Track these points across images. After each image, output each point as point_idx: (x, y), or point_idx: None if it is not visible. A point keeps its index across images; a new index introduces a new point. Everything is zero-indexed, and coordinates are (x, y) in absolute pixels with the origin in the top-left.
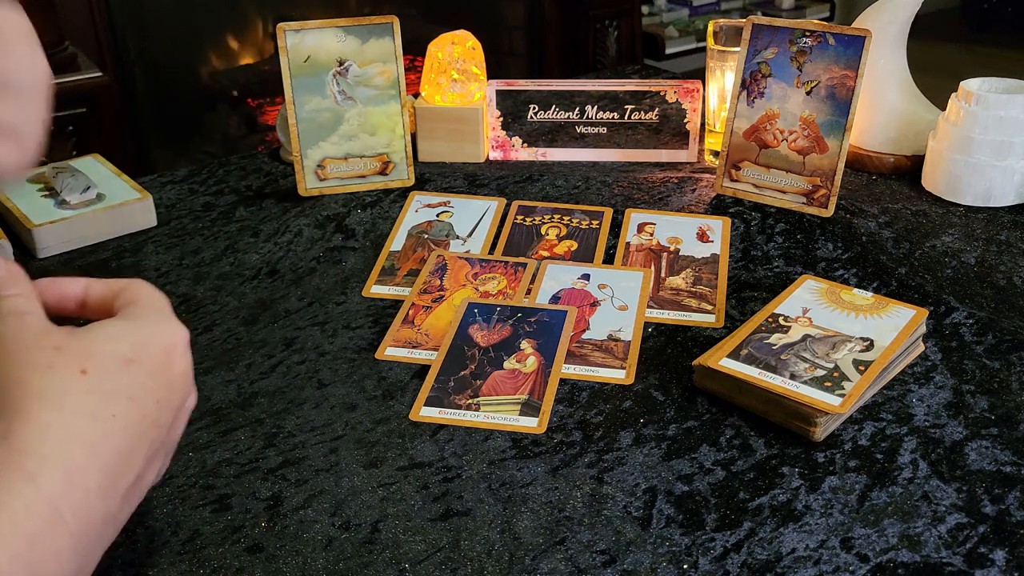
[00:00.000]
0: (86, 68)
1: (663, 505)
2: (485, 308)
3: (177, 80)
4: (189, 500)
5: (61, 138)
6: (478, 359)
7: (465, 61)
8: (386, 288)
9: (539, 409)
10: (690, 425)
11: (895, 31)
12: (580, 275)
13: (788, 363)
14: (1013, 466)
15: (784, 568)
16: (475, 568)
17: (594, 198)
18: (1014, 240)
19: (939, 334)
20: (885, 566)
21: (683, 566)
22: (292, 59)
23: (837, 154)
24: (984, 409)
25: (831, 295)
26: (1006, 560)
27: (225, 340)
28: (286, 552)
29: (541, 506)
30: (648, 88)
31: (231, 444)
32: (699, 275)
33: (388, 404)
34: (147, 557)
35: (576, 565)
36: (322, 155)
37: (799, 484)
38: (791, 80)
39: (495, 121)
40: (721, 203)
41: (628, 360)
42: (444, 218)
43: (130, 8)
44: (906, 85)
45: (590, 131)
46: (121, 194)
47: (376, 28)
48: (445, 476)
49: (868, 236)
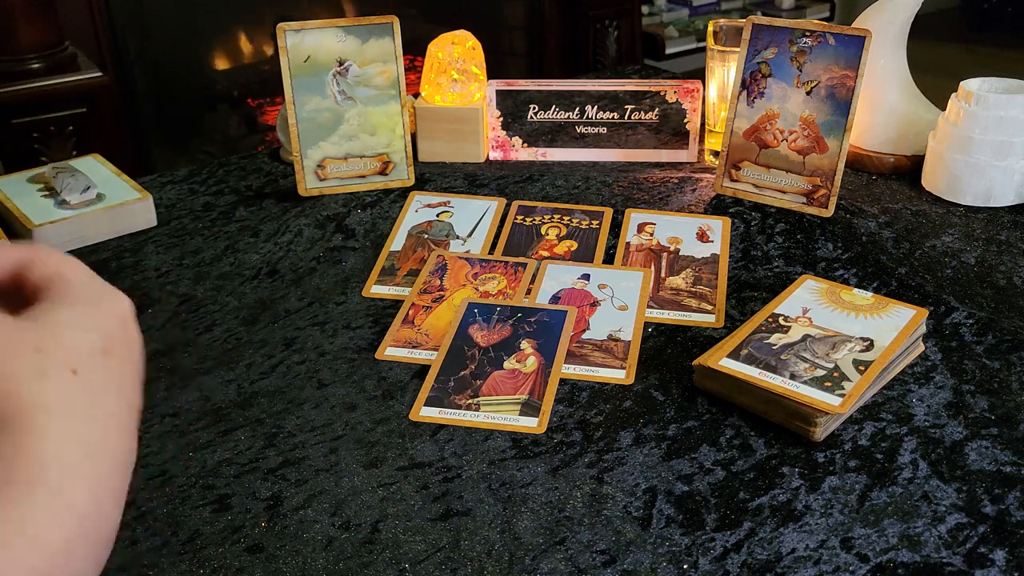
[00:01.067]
0: (86, 68)
1: (663, 505)
2: (485, 308)
3: (177, 80)
4: (189, 500)
5: (61, 138)
6: (478, 359)
7: (465, 61)
8: (386, 288)
9: (539, 409)
10: (690, 425)
11: (895, 31)
12: (580, 275)
13: (788, 363)
14: (1013, 466)
15: (784, 568)
16: (475, 568)
17: (594, 198)
18: (1014, 240)
19: (939, 334)
20: (885, 566)
21: (683, 566)
22: (292, 59)
23: (837, 154)
24: (984, 409)
25: (831, 295)
26: (1006, 560)
27: (225, 340)
28: (286, 552)
29: (541, 506)
30: (648, 88)
31: (231, 444)
32: (699, 275)
33: (388, 404)
34: (147, 557)
35: (576, 565)
36: (322, 155)
37: (799, 484)
38: (791, 80)
39: (495, 121)
40: (721, 203)
41: (628, 360)
42: (444, 218)
43: (130, 8)
44: (906, 85)
45: (590, 131)
46: (121, 194)
47: (376, 28)
48: (445, 476)
49: (868, 236)
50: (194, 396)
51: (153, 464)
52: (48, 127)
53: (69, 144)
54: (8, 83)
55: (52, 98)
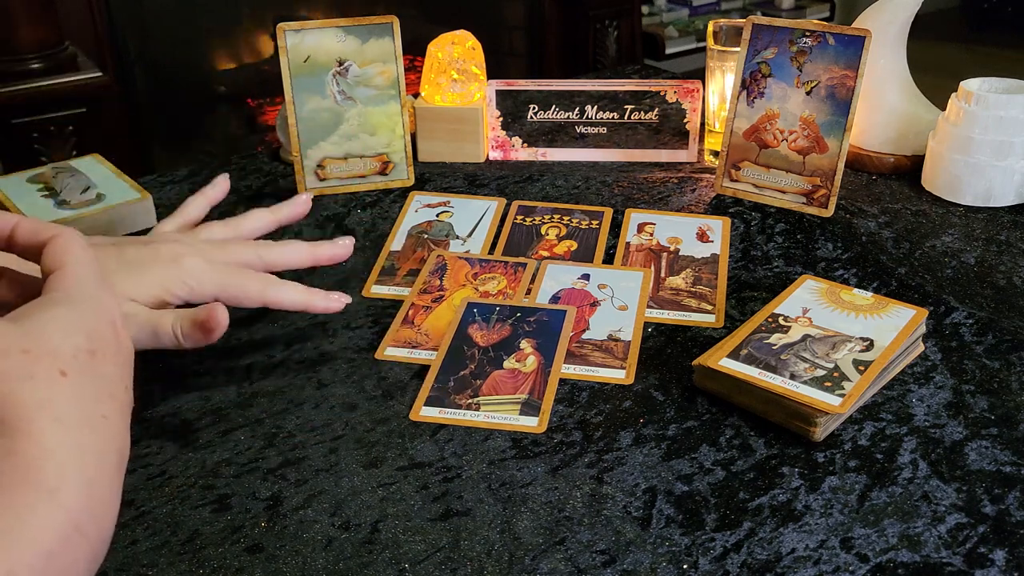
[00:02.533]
0: (86, 68)
1: (663, 505)
2: (485, 308)
3: (177, 80)
4: (189, 500)
5: (61, 138)
6: (478, 359)
7: (465, 61)
8: (386, 288)
9: (539, 409)
10: (690, 425)
11: (895, 31)
12: (580, 275)
13: (788, 363)
14: (1013, 466)
15: (784, 568)
16: (475, 568)
17: (594, 198)
18: (1014, 240)
19: (939, 334)
20: (885, 566)
21: (683, 566)
22: (292, 59)
23: (837, 154)
24: (984, 409)
25: (831, 295)
26: (1006, 560)
27: (225, 340)
28: (286, 552)
29: (541, 506)
30: (648, 88)
31: (231, 444)
32: (699, 275)
33: (388, 404)
34: (147, 557)
35: (576, 565)
36: (322, 155)
37: (799, 484)
38: (791, 80)
39: (495, 121)
40: (721, 203)
41: (628, 360)
42: (444, 218)
43: (130, 8)
44: (906, 85)
45: (590, 131)
46: (121, 194)
47: (376, 28)
48: (445, 476)
49: (868, 236)
50: (194, 396)
51: (153, 464)
52: (48, 127)
53: (69, 144)
54: (8, 83)
55: (52, 98)
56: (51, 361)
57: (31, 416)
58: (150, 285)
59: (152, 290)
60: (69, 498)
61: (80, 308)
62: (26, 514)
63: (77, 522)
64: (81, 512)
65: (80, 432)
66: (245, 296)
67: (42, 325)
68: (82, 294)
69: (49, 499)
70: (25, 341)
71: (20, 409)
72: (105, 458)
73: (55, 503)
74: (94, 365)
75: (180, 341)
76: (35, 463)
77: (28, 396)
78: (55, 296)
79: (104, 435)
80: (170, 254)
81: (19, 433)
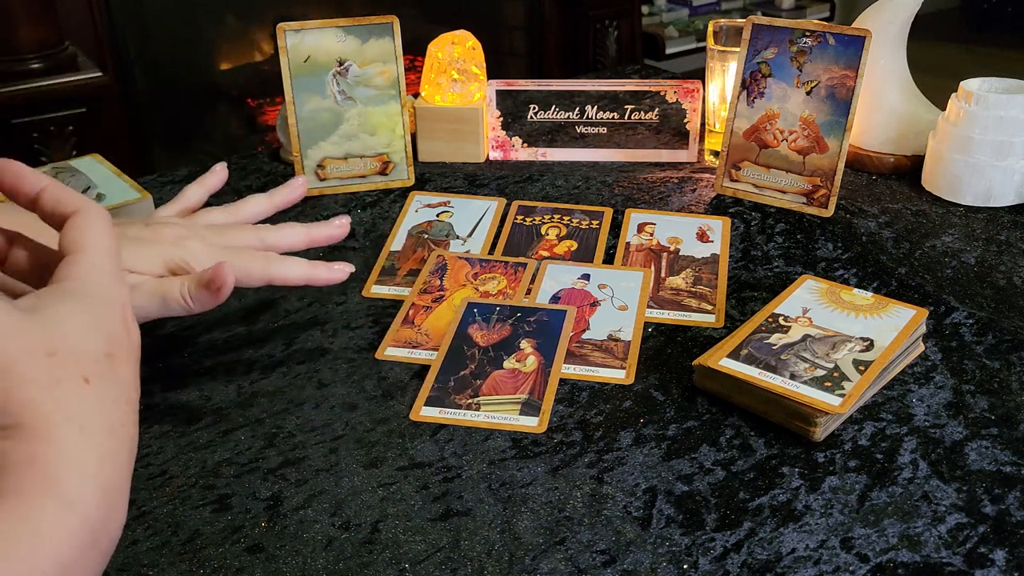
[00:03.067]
0: (86, 68)
1: (663, 505)
2: (485, 308)
3: (177, 80)
4: (189, 500)
5: (61, 138)
6: (478, 359)
7: (465, 61)
8: (386, 288)
9: (539, 408)
10: (690, 425)
11: (895, 31)
12: (580, 275)
13: (788, 363)
14: (1013, 466)
15: (784, 568)
16: (475, 568)
17: (594, 198)
18: (1014, 240)
19: (939, 334)
20: (885, 566)
21: (683, 566)
22: (292, 59)
23: (837, 154)
24: (984, 409)
25: (831, 295)
26: (1006, 560)
27: (225, 340)
28: (286, 552)
29: (541, 506)
30: (648, 88)
31: (231, 444)
32: (699, 275)
33: (388, 404)
34: (147, 557)
35: (576, 565)
36: (322, 155)
37: (799, 484)
38: (791, 80)
39: (495, 121)
40: (721, 203)
41: (628, 360)
42: (444, 218)
43: (130, 8)
44: (906, 85)
45: (590, 131)
46: (121, 194)
47: (376, 28)
48: (445, 476)
49: (868, 236)
50: (194, 396)
51: (153, 464)
52: (48, 127)
53: (69, 144)
54: (8, 83)
55: (52, 98)
56: (75, 367)
57: (56, 423)
58: (152, 260)
59: (154, 267)
60: (87, 508)
61: (96, 305)
62: (44, 524)
63: (93, 531)
64: (96, 521)
65: (101, 440)
66: (248, 274)
67: (61, 322)
68: (97, 285)
69: (69, 510)
70: (49, 342)
71: (45, 416)
72: (120, 464)
73: (74, 513)
74: (113, 369)
75: (190, 305)
76: (56, 473)
77: (53, 404)
78: (68, 286)
79: (121, 441)
80: (172, 235)
81: (42, 440)
